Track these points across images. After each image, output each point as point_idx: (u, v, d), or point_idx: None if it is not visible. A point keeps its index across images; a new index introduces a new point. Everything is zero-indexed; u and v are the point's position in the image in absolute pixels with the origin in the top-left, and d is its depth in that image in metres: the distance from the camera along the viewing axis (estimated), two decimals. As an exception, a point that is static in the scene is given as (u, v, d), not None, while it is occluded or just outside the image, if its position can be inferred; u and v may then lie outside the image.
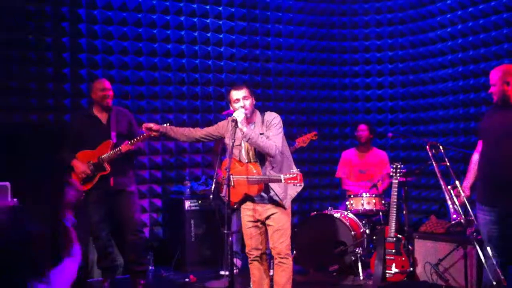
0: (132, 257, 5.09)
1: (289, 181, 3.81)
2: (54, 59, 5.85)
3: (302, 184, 3.84)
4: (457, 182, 4.18)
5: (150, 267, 5.95)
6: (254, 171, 3.99)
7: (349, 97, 7.54)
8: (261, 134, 4.03)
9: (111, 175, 4.89)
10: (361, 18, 7.41)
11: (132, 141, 4.82)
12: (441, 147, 4.58)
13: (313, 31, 7.31)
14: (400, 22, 7.15)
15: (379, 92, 7.40)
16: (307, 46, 7.29)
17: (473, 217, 4.12)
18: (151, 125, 4.35)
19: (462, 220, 4.12)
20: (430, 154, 4.51)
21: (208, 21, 6.68)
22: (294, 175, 3.78)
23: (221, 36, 6.76)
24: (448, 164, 4.42)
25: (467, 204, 4.09)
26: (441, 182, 4.27)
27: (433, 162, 4.48)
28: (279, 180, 3.88)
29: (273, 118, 4.11)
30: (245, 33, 6.90)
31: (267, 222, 4.13)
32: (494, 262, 3.99)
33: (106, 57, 6.12)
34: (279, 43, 7.13)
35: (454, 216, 4.03)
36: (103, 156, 4.84)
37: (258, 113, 4.18)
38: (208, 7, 6.67)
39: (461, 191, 4.15)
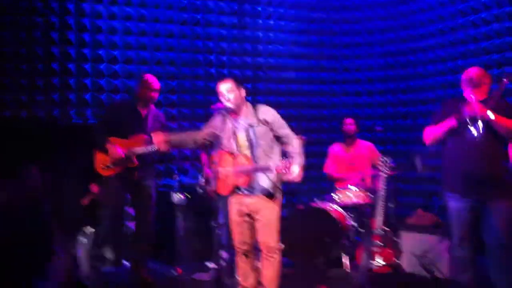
0: (141, 247, 5.18)
1: (281, 170, 3.83)
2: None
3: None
4: None
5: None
6: (244, 161, 4.00)
7: (338, 91, 7.57)
8: (251, 126, 4.02)
9: (136, 169, 4.91)
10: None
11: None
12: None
13: (305, 26, 7.32)
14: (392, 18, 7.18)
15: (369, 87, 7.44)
16: (299, 40, 7.30)
17: None
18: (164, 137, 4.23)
19: None
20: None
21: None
22: (285, 164, 3.82)
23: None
24: None
25: None
26: None
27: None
28: (268, 168, 3.89)
29: (272, 115, 4.08)
30: (235, 27, 6.92)
31: (256, 216, 4.13)
32: (460, 254, 4.04)
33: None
34: (269, 37, 7.14)
35: None
36: (135, 150, 4.83)
37: (249, 106, 4.13)
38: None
39: None
